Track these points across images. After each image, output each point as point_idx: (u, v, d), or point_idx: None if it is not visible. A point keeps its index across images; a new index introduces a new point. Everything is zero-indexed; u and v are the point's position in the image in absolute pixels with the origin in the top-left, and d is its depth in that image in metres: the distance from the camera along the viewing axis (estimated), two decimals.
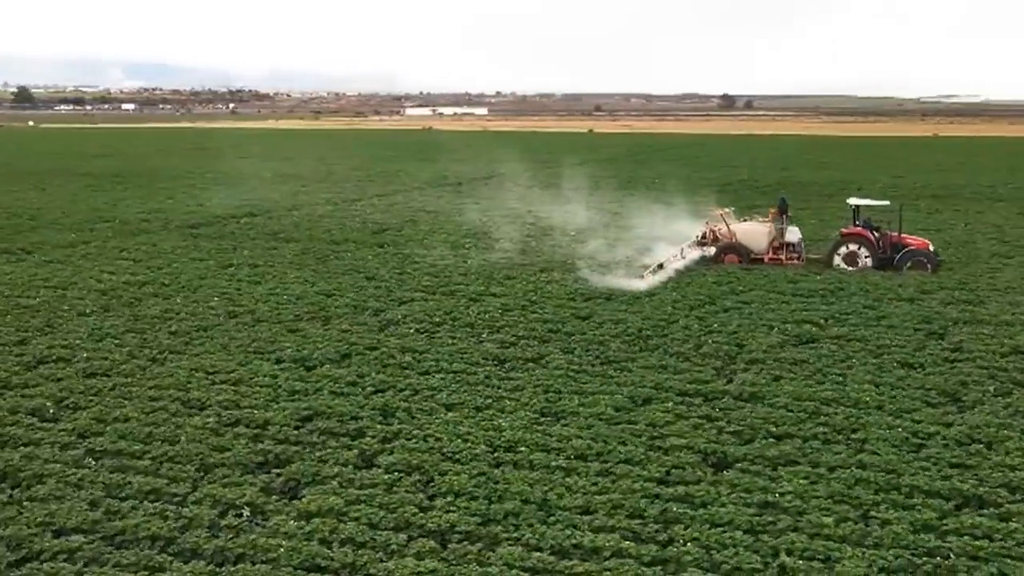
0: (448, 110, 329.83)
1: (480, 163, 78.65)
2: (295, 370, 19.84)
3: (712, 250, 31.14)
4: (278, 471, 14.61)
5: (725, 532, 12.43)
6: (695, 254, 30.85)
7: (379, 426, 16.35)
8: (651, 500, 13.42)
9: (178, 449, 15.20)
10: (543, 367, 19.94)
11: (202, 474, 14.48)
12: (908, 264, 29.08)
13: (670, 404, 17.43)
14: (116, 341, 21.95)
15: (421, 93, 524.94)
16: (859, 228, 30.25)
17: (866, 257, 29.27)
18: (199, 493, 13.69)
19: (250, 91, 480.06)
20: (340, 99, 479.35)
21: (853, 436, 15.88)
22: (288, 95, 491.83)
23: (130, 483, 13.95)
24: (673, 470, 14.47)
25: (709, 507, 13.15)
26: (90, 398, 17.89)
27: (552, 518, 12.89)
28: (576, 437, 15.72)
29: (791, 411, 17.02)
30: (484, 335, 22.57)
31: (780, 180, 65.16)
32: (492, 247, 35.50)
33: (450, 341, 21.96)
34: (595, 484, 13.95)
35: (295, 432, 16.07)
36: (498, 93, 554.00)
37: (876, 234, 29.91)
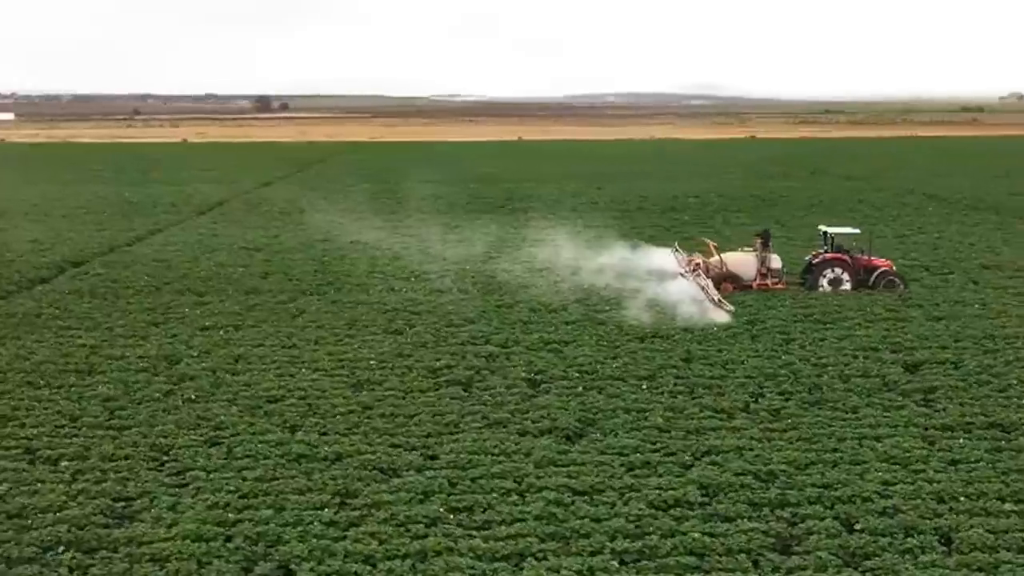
0: None
1: (171, 185, 74.71)
2: (560, 443, 19.92)
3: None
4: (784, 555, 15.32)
5: None
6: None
7: (789, 495, 17.22)
8: None
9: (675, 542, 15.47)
10: (778, 415, 21.38)
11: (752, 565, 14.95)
12: (883, 284, 33.25)
13: (961, 439, 19.76)
14: (335, 426, 20.62)
15: None
16: (837, 254, 34.05)
17: (847, 281, 33.12)
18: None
19: None
20: None
21: None
22: None
23: None
24: None
25: None
26: (456, 496, 17.20)
27: None
28: (979, 481, 17.60)
29: None
30: (644, 387, 23.49)
31: (473, 193, 69.22)
32: (432, 286, 35.25)
33: (639, 398, 22.64)
34: None
35: (712, 508, 16.77)
36: None
37: (849, 258, 33.87)
